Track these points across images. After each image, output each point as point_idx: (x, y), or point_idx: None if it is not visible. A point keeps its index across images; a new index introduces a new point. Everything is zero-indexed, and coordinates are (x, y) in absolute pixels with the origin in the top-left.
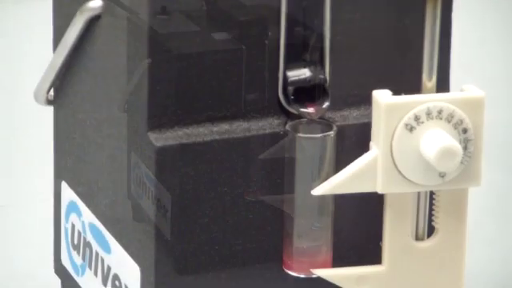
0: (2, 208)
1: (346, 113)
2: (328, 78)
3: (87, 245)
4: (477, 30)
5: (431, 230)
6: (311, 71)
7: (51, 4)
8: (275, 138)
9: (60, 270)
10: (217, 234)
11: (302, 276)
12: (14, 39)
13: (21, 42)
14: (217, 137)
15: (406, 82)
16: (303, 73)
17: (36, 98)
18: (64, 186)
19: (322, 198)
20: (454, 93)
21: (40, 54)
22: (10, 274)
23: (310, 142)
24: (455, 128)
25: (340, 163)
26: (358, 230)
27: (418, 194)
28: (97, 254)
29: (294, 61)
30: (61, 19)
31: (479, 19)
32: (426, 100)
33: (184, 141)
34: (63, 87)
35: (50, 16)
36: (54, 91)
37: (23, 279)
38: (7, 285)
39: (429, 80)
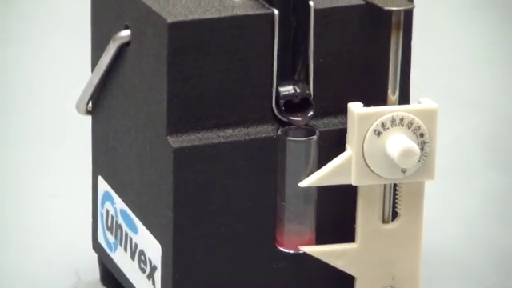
0: (53, 197)
1: (326, 121)
2: (312, 93)
3: (118, 227)
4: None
5: (395, 215)
6: (298, 87)
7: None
8: (269, 141)
9: (97, 246)
10: (222, 218)
11: (292, 251)
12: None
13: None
14: (222, 140)
15: (375, 97)
16: (292, 89)
17: (77, 109)
18: (100, 179)
19: (308, 189)
20: (413, 105)
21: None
22: (58, 249)
23: (298, 145)
24: (414, 133)
25: (321, 161)
26: (336, 214)
27: (384, 185)
28: (126, 233)
29: (284, 79)
30: (97, 45)
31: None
32: (391, 110)
33: (196, 143)
34: (99, 100)
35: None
36: (92, 104)
37: (69, 254)
38: (57, 258)
39: (393, 95)
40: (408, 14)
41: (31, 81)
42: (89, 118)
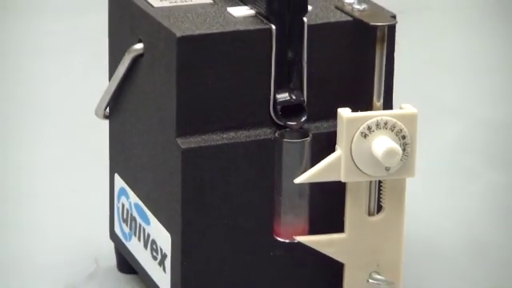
0: (74, 192)
1: (318, 124)
2: (305, 100)
3: (133, 219)
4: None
5: (379, 208)
6: (293, 95)
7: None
8: (268, 142)
9: (114, 236)
10: (225, 211)
11: (287, 241)
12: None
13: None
14: (225, 141)
15: (362, 103)
16: (288, 96)
17: (96, 113)
18: (116, 177)
19: (302, 185)
20: (396, 110)
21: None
22: (79, 239)
23: (293, 146)
24: (396, 135)
25: (314, 160)
26: (327, 208)
27: (370, 182)
28: (140, 225)
29: (281, 87)
30: (114, 57)
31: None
32: (376, 115)
33: (202, 144)
34: (116, 106)
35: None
36: (109, 109)
37: (89, 243)
38: (78, 247)
39: (377, 101)
40: (391, 29)
41: (57, 89)
42: (106, 122)
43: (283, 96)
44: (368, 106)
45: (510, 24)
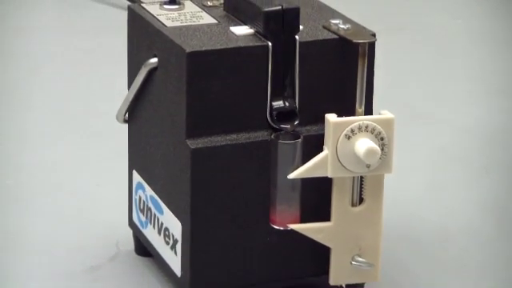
0: (98, 186)
1: (308, 128)
2: (297, 106)
3: (148, 209)
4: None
5: (361, 200)
6: (287, 102)
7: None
8: (265, 143)
9: (132, 224)
10: (229, 202)
11: (282, 228)
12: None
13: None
14: (228, 142)
15: (346, 109)
16: (282, 103)
17: (117, 118)
18: (134, 173)
19: (294, 180)
20: (375, 115)
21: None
22: (102, 226)
23: (287, 146)
24: (376, 137)
25: (305, 159)
26: (316, 200)
27: (353, 177)
28: (154, 214)
29: (276, 96)
30: (132, 70)
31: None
32: (358, 120)
33: (208, 145)
34: (134, 112)
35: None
36: (128, 115)
37: (110, 230)
38: (101, 233)
39: (360, 107)
40: (371, 46)
41: (85, 97)
42: (126, 126)
43: (278, 103)
44: (351, 112)
45: (485, 34)
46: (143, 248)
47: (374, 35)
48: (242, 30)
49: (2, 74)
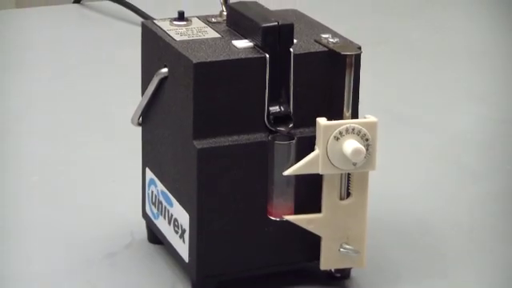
0: (114, 182)
1: (302, 130)
2: (292, 111)
3: (160, 202)
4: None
5: (348, 194)
6: (283, 107)
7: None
8: (263, 143)
9: (145, 215)
10: (231, 196)
11: (278, 219)
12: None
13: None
14: (231, 143)
15: (335, 113)
16: (278, 108)
17: (132, 122)
18: (147, 170)
19: (289, 176)
20: (361, 119)
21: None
22: (119, 217)
23: (282, 146)
24: (362, 138)
25: (298, 158)
26: (308, 194)
27: (341, 174)
28: (165, 207)
29: (273, 101)
30: (145, 79)
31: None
32: (346, 123)
33: (212, 145)
34: (147, 116)
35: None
36: (142, 118)
37: (126, 220)
38: (118, 223)
39: (347, 112)
40: (357, 57)
41: (103, 103)
42: (139, 128)
43: (275, 108)
44: (340, 116)
45: (468, 47)
46: (155, 237)
47: (359, 48)
48: (242, 44)
49: (31, 80)
